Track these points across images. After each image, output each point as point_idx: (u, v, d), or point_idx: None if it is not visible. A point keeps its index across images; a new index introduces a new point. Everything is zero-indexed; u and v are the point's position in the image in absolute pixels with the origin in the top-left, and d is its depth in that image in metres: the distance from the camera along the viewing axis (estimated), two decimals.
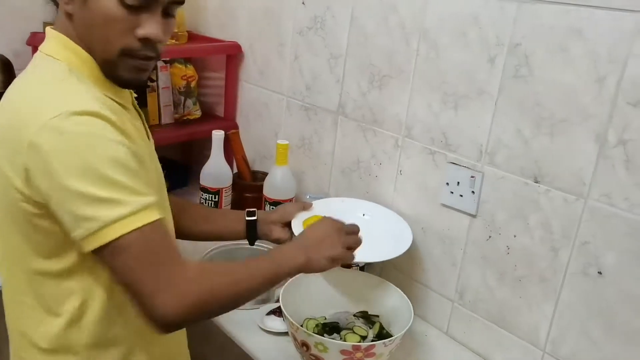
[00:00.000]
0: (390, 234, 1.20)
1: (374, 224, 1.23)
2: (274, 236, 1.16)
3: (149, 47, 0.80)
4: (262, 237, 1.17)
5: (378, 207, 1.29)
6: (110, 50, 0.79)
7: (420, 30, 1.16)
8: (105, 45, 0.79)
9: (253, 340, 1.12)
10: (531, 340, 1.07)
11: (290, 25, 1.47)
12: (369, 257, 1.15)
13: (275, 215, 1.18)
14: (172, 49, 1.56)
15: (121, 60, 0.80)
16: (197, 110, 1.69)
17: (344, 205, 1.28)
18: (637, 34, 0.87)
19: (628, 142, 0.90)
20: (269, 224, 1.16)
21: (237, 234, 1.16)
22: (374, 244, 1.16)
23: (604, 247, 0.95)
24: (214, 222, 1.14)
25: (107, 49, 0.79)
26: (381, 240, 1.17)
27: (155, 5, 0.78)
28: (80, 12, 0.78)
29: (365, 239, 1.15)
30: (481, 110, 1.08)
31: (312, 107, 1.45)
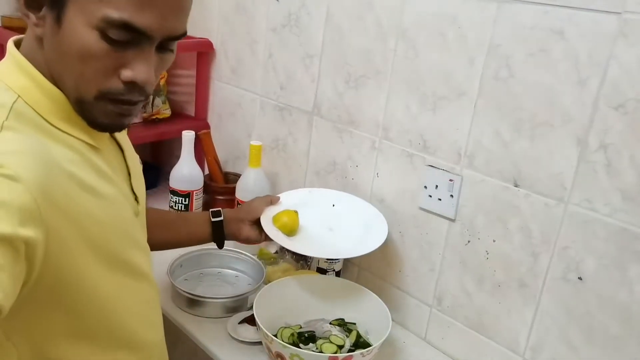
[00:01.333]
0: (363, 225, 1.17)
1: (345, 215, 1.20)
2: (243, 235, 1.11)
3: (136, 91, 0.66)
4: (230, 237, 1.12)
5: (348, 196, 1.25)
6: (85, 89, 0.65)
7: (398, 30, 1.13)
8: (80, 83, 0.65)
9: (224, 350, 1.08)
10: (510, 346, 1.06)
11: (263, 22, 1.42)
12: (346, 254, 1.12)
13: (243, 212, 1.12)
14: None
15: (99, 103, 0.66)
16: (167, 109, 1.63)
17: (312, 196, 1.25)
18: (619, 36, 0.85)
19: (609, 146, 0.88)
20: (236, 222, 1.10)
21: (201, 238, 1.10)
22: (347, 239, 1.13)
23: (584, 253, 0.94)
24: (174, 229, 1.05)
25: (81, 87, 0.65)
26: (354, 233, 1.14)
27: (147, 42, 0.64)
28: (52, 38, 0.64)
29: (336, 233, 1.12)
30: (460, 112, 1.06)
31: (286, 107, 1.41)
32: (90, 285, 0.69)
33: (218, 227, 1.09)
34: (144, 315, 0.81)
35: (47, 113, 0.66)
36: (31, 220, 0.58)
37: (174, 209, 1.42)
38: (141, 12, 0.62)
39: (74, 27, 0.62)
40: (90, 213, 0.67)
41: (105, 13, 0.61)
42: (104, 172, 0.72)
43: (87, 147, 0.70)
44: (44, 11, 0.64)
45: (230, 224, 1.10)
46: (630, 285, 0.89)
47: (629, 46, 0.84)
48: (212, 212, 1.10)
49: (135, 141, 1.61)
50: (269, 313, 1.06)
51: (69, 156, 0.66)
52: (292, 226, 1.13)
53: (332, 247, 1.14)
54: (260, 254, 1.35)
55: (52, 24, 0.64)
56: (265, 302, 1.07)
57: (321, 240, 1.15)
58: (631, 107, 0.85)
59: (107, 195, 0.71)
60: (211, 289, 1.26)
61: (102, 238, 0.69)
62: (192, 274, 1.29)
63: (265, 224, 1.10)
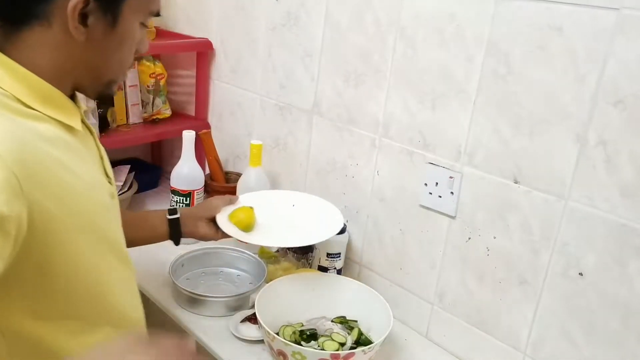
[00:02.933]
0: (320, 220, 1.18)
1: (304, 213, 1.22)
2: (200, 233, 1.12)
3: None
4: (187, 235, 1.13)
5: (309, 197, 1.27)
6: (122, 70, 0.79)
7: (397, 28, 1.13)
8: (122, 67, 0.79)
9: (227, 348, 1.08)
10: (511, 342, 1.06)
11: (262, 22, 1.43)
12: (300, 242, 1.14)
13: (200, 210, 1.14)
14: None
15: (123, 77, 0.82)
16: (167, 109, 1.64)
17: (272, 197, 1.26)
18: (617, 32, 0.85)
19: (608, 142, 0.89)
20: (194, 220, 1.12)
21: (160, 236, 1.11)
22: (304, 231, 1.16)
23: (584, 249, 0.94)
24: (134, 228, 1.04)
25: (120, 70, 0.79)
26: (310, 226, 1.16)
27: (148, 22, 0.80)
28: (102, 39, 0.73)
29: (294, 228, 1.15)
30: (459, 110, 1.06)
31: (286, 106, 1.41)
32: (78, 261, 0.72)
33: (175, 225, 1.11)
34: (127, 293, 0.84)
35: (22, 96, 0.70)
36: (13, 195, 0.60)
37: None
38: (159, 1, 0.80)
39: (129, 24, 0.75)
40: (71, 188, 0.70)
41: (151, 9, 0.78)
42: (79, 152, 0.75)
43: (62, 127, 0.73)
44: (90, 21, 0.71)
45: (188, 222, 1.11)
46: (630, 280, 0.89)
47: (628, 42, 0.85)
48: (169, 210, 1.12)
49: (135, 141, 1.63)
50: (271, 311, 1.06)
51: (47, 134, 0.69)
52: (248, 222, 1.14)
53: (286, 238, 1.16)
54: (261, 253, 1.35)
55: (105, 27, 0.73)
56: (266, 300, 1.07)
57: (277, 234, 1.16)
58: (630, 103, 0.86)
59: (84, 174, 0.74)
60: (213, 287, 1.26)
61: (85, 212, 0.72)
62: (193, 273, 1.30)
63: (220, 220, 1.11)
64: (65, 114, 0.74)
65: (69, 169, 0.70)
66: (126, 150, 1.74)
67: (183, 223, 1.11)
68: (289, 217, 1.21)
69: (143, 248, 1.08)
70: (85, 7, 0.69)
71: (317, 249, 1.29)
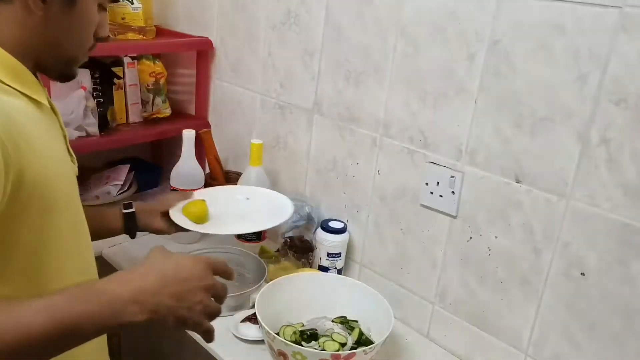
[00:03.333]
0: (271, 210, 1.23)
1: (257, 205, 1.27)
2: (154, 226, 1.15)
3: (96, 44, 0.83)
4: (143, 228, 1.15)
5: (262, 190, 1.31)
6: (81, 50, 0.81)
7: (398, 26, 1.13)
8: (79, 46, 0.80)
9: (227, 349, 1.08)
10: (513, 343, 1.05)
11: (263, 20, 1.42)
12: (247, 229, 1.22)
13: (155, 204, 1.17)
14: (140, 45, 1.50)
15: (84, 57, 0.83)
16: (167, 108, 1.63)
17: (226, 192, 1.30)
18: (620, 30, 0.85)
19: (611, 141, 0.88)
20: (148, 214, 1.14)
21: (115, 230, 1.13)
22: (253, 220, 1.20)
23: (586, 248, 0.93)
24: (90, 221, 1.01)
25: (79, 49, 0.81)
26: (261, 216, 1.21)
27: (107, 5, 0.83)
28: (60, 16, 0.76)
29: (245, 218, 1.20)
30: (461, 109, 1.06)
31: (286, 105, 1.41)
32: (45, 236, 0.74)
33: (130, 219, 1.12)
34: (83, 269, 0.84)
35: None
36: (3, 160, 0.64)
37: None
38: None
39: (87, 7, 0.77)
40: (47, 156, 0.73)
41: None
42: (47, 127, 0.78)
43: (32, 102, 0.76)
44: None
45: (142, 216, 1.14)
46: (633, 280, 0.89)
47: (630, 40, 0.84)
48: (124, 204, 1.14)
49: (135, 140, 1.62)
50: (271, 311, 1.06)
51: (20, 107, 0.72)
52: (200, 214, 1.16)
53: (236, 227, 1.21)
54: (261, 253, 1.35)
55: (62, 7, 0.75)
56: (267, 300, 1.07)
57: (229, 224, 1.19)
58: (632, 101, 0.85)
59: (54, 150, 0.77)
60: None
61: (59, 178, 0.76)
62: None
63: (173, 213, 1.14)
64: (33, 90, 0.77)
65: (41, 141, 0.73)
66: (126, 149, 1.74)
67: (138, 217, 1.13)
68: (242, 209, 1.25)
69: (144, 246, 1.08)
70: None
71: (317, 249, 1.29)
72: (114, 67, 1.51)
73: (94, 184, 1.54)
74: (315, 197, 1.38)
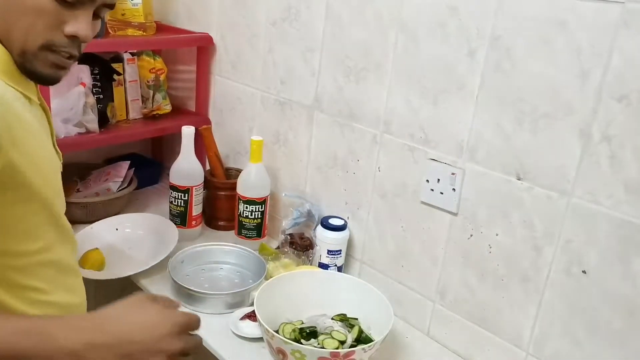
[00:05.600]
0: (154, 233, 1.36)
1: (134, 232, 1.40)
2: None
3: (75, 45, 0.75)
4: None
5: (128, 216, 1.44)
6: (31, 41, 0.72)
7: (398, 22, 1.12)
8: (27, 36, 0.72)
9: (226, 346, 1.07)
10: (514, 341, 1.05)
11: (263, 16, 1.41)
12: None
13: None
14: (140, 41, 1.49)
15: (41, 53, 0.73)
16: (167, 104, 1.62)
17: (93, 231, 1.38)
18: (622, 26, 0.84)
19: (613, 137, 0.87)
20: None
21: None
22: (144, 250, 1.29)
23: (587, 246, 0.92)
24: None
25: (28, 40, 0.72)
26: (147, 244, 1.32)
27: (89, 4, 0.74)
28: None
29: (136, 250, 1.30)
30: (461, 105, 1.05)
31: (287, 102, 1.40)
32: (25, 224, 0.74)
33: None
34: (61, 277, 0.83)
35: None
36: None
37: (173, 204, 1.41)
38: None
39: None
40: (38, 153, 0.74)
41: None
42: (37, 123, 0.77)
43: (23, 98, 0.75)
44: None
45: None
46: (634, 278, 0.88)
47: (632, 36, 0.83)
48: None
49: (135, 137, 1.62)
50: (271, 309, 1.05)
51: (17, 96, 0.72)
52: (100, 263, 1.27)
53: (138, 263, 1.26)
54: (261, 250, 1.34)
55: None
56: (266, 297, 1.07)
57: (127, 261, 1.29)
58: (635, 98, 0.84)
59: (43, 144, 0.77)
60: (212, 284, 1.25)
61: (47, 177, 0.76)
62: (193, 270, 1.29)
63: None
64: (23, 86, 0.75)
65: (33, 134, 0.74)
66: (126, 146, 1.73)
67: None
68: (122, 241, 1.38)
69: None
70: None
71: (317, 246, 1.28)
72: (114, 63, 1.50)
73: (94, 180, 1.54)
74: (316, 194, 1.37)
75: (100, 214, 1.43)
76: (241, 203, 1.37)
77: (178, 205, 1.41)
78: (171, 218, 1.43)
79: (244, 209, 1.37)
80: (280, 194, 1.44)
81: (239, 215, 1.38)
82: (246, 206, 1.36)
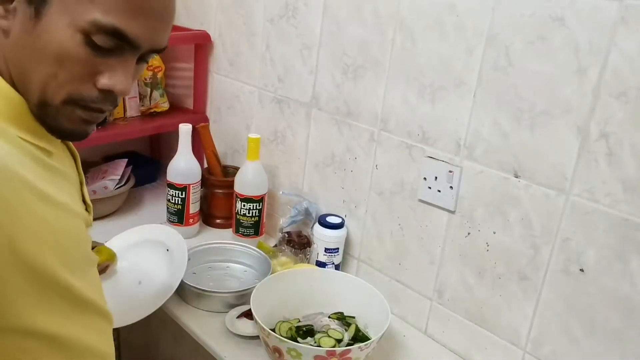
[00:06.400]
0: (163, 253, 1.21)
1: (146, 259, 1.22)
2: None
3: (109, 100, 0.62)
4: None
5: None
6: (54, 92, 0.59)
7: (396, 19, 1.12)
8: (50, 85, 0.59)
9: (222, 344, 1.07)
10: (511, 339, 1.04)
11: (261, 14, 1.41)
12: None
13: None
14: None
15: (66, 108, 0.61)
16: (165, 102, 1.62)
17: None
18: (620, 23, 0.83)
19: (610, 135, 0.87)
20: None
21: None
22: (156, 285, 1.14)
23: (585, 244, 0.92)
24: None
25: (50, 90, 0.59)
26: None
27: (132, 52, 0.60)
28: (24, 33, 0.58)
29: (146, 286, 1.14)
30: (459, 103, 1.04)
31: (284, 99, 1.40)
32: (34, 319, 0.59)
33: None
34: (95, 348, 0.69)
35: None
36: None
37: (171, 202, 1.41)
38: (133, 20, 0.58)
39: (55, 26, 0.57)
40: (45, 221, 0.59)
41: (95, 17, 0.57)
42: (57, 179, 0.63)
43: (40, 150, 0.62)
44: (16, 3, 0.58)
45: None
46: (632, 276, 0.87)
47: (631, 33, 0.83)
48: None
49: (133, 135, 1.61)
50: (267, 307, 1.05)
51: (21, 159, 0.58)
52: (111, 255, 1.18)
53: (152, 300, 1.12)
54: (259, 248, 1.34)
55: (27, 18, 0.58)
56: (263, 295, 1.06)
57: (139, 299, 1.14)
58: (633, 95, 0.84)
59: (61, 204, 0.62)
60: (217, 282, 1.25)
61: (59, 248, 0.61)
62: (200, 268, 1.29)
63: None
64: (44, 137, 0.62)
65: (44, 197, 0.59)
66: (123, 143, 1.73)
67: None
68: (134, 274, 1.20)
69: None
70: None
71: (315, 244, 1.28)
72: None
73: (92, 178, 1.54)
74: (313, 192, 1.37)
75: (98, 212, 1.42)
76: (239, 201, 1.37)
77: (175, 203, 1.41)
78: (168, 216, 1.43)
79: (242, 207, 1.36)
80: (277, 191, 1.44)
81: (237, 213, 1.38)
82: (244, 204, 1.36)
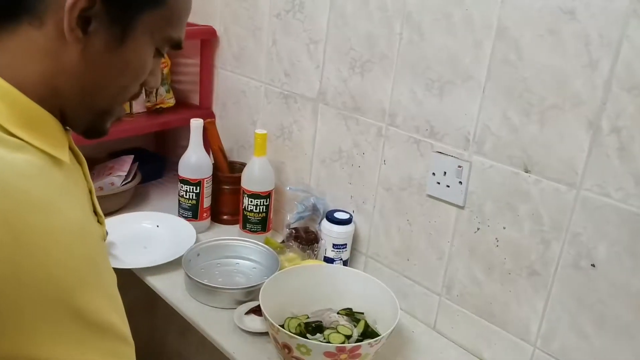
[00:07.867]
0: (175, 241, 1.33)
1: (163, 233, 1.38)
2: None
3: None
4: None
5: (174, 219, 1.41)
6: (122, 100, 0.66)
7: (403, 13, 1.11)
8: (118, 95, 0.65)
9: (231, 340, 1.07)
10: (521, 335, 1.04)
11: (266, 8, 1.40)
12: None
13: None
14: None
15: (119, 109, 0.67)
16: (171, 98, 1.62)
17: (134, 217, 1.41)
18: (632, 15, 0.82)
19: (622, 129, 0.86)
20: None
21: None
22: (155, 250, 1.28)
23: (596, 239, 0.91)
24: None
25: (120, 98, 0.65)
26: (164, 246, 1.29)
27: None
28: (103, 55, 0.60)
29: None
30: (468, 97, 1.04)
31: (291, 95, 1.39)
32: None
33: None
34: None
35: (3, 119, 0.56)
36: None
37: (184, 198, 1.41)
38: (183, 28, 0.67)
39: (140, 43, 0.62)
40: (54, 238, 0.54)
41: (169, 33, 0.64)
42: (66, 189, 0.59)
43: (48, 159, 0.58)
44: (93, 27, 0.59)
45: None
46: None
47: None
48: None
49: (139, 131, 1.61)
50: (276, 303, 1.05)
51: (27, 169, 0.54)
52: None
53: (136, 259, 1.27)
54: (266, 244, 1.34)
55: (109, 40, 0.60)
56: (271, 292, 1.06)
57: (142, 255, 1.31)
58: None
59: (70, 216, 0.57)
60: (226, 279, 1.25)
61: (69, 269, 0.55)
62: (209, 264, 1.29)
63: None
64: (52, 143, 0.59)
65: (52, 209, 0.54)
66: (129, 140, 1.73)
67: None
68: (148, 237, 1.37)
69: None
70: (89, 9, 0.56)
71: (322, 240, 1.28)
72: None
73: (98, 174, 1.54)
74: (321, 188, 1.36)
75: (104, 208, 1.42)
76: (246, 197, 1.36)
77: (189, 199, 1.40)
78: (181, 212, 1.43)
79: (249, 203, 1.36)
80: (284, 187, 1.44)
81: (244, 209, 1.38)
82: (251, 200, 1.36)
